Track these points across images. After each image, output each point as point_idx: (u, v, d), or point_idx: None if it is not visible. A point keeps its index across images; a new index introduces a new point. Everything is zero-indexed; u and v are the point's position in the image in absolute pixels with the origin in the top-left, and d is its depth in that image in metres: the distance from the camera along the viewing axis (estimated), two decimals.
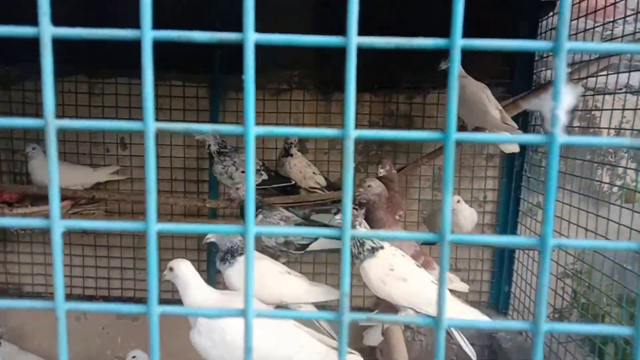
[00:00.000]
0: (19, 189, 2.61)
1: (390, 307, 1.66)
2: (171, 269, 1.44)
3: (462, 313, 1.56)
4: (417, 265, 1.64)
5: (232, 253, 1.61)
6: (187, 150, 2.84)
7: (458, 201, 2.21)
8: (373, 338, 2.12)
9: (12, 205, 2.48)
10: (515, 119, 2.23)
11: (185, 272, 1.42)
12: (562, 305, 2.29)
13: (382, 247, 1.60)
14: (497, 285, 2.78)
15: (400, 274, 1.55)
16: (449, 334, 1.66)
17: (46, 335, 2.76)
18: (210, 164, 2.55)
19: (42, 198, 2.49)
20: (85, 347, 2.75)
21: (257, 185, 2.36)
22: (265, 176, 2.47)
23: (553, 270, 2.29)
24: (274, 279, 1.69)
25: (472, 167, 2.78)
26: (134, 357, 2.36)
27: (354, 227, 1.64)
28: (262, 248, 1.84)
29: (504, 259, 2.75)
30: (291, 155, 2.61)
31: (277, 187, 2.51)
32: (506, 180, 2.75)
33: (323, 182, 2.65)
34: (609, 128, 2.13)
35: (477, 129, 2.44)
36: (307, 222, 2.06)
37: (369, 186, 1.89)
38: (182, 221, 2.74)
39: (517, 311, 2.62)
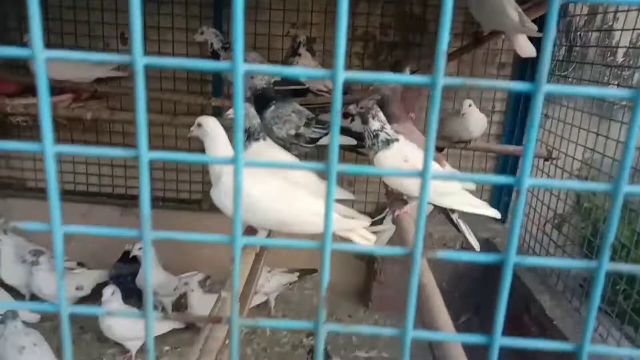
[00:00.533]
0: (18, 80, 2.54)
1: (400, 199, 1.68)
2: (199, 125, 1.40)
3: (473, 205, 1.59)
4: None
5: (248, 136, 1.58)
6: (190, 49, 2.74)
7: (470, 105, 2.18)
8: (381, 239, 2.17)
9: (12, 97, 2.42)
10: (535, 22, 2.15)
11: (213, 127, 1.39)
12: (564, 211, 2.34)
13: (397, 140, 1.59)
14: (497, 195, 2.82)
15: (413, 165, 1.55)
16: (456, 227, 1.69)
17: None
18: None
19: None
20: (91, 244, 2.77)
21: (271, 84, 2.30)
22: (277, 77, 2.39)
23: (558, 175, 2.31)
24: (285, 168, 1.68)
25: (484, 76, 2.73)
26: (140, 248, 2.41)
27: (368, 119, 1.62)
28: (274, 140, 1.81)
29: (507, 169, 2.77)
30: (299, 54, 2.52)
31: (288, 89, 2.44)
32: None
33: (331, 85, 2.59)
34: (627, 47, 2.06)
35: (494, 33, 2.36)
36: (317, 119, 2.03)
37: None
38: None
39: None
